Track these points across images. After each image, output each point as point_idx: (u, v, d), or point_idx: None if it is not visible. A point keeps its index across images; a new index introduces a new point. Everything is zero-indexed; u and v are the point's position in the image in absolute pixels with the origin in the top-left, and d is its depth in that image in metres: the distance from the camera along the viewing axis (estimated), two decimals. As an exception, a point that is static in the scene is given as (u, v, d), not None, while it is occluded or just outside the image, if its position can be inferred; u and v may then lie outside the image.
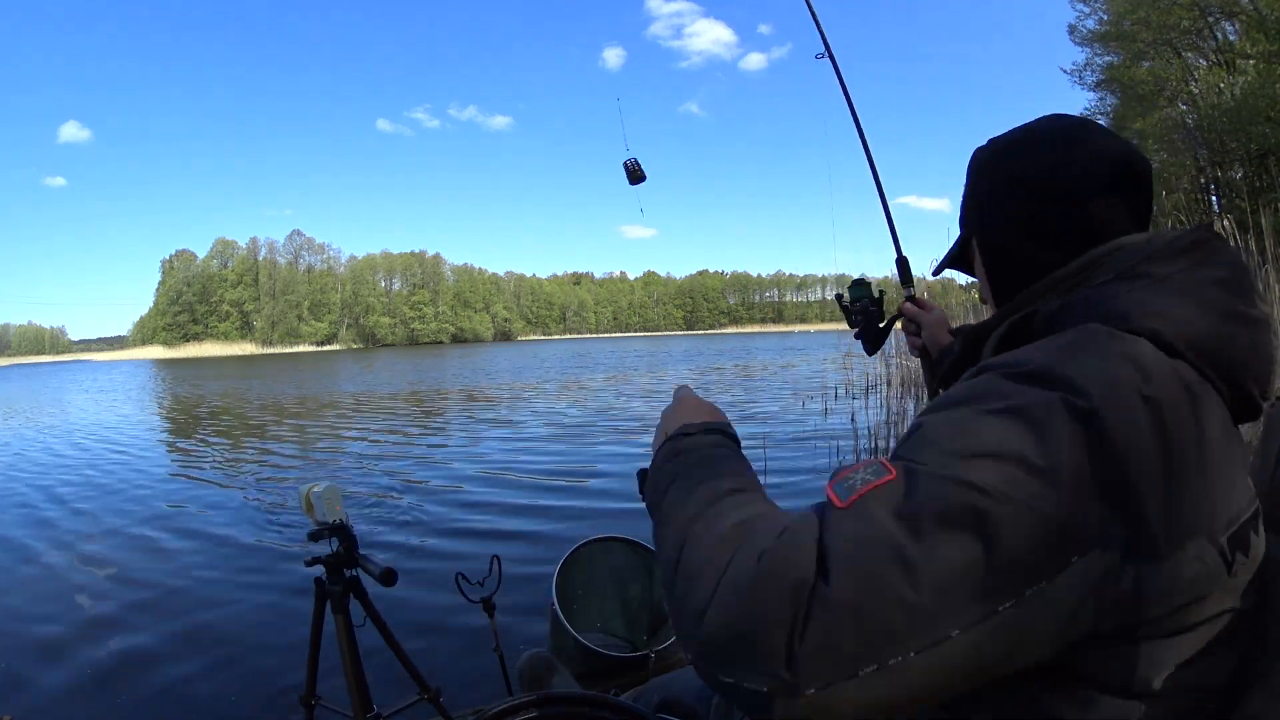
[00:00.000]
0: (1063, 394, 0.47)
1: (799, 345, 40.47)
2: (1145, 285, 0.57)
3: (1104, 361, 0.50)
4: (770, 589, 0.44)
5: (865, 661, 0.42)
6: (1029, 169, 0.69)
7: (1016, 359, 0.53)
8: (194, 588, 3.82)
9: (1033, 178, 0.68)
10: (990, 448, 0.46)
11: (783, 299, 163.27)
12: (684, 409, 0.72)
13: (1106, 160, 0.66)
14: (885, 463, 0.49)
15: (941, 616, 0.43)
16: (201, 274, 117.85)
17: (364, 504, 5.56)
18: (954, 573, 0.43)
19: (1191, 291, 0.56)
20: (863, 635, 0.42)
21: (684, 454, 0.65)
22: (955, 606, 0.43)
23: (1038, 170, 0.68)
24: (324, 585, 1.46)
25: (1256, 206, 8.25)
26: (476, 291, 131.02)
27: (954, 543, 0.43)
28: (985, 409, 0.49)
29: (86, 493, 6.53)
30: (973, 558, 0.43)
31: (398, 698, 1.59)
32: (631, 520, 4.78)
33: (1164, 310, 0.54)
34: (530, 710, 0.98)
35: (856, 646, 0.42)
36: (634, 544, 2.52)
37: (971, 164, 0.76)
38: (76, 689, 2.71)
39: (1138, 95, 17.56)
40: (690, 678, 1.10)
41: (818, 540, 0.46)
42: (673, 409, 0.74)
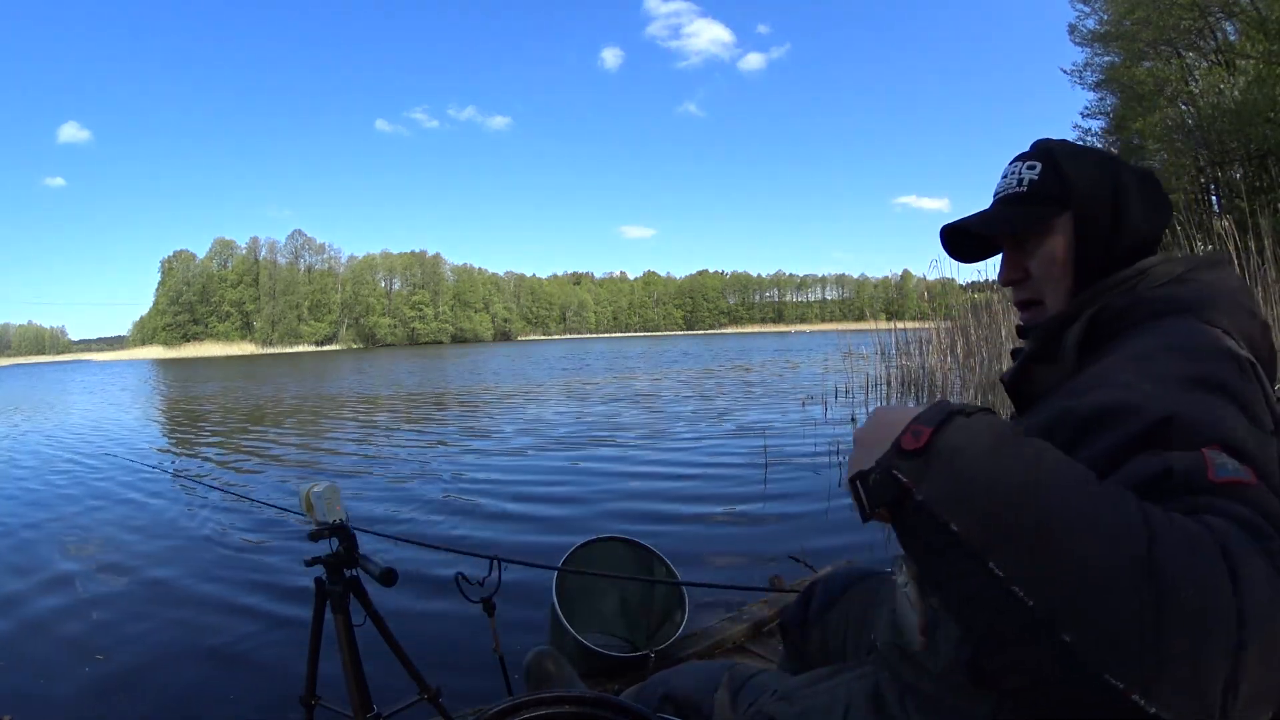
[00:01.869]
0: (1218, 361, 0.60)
1: (799, 345, 40.47)
2: (1194, 288, 0.72)
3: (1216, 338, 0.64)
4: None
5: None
6: (1146, 181, 0.80)
7: (1164, 344, 0.63)
8: (194, 587, 3.83)
9: (1150, 189, 0.80)
10: (1228, 411, 0.56)
11: (783, 299, 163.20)
12: (898, 413, 0.56)
13: (1169, 212, 0.82)
14: (1226, 453, 0.51)
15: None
16: (201, 274, 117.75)
17: (364, 504, 5.56)
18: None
19: (1228, 298, 0.71)
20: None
21: (1004, 439, 0.48)
22: None
23: (1152, 186, 0.81)
24: (324, 585, 1.46)
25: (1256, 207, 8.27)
26: (476, 291, 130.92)
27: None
28: (1198, 390, 0.57)
29: (85, 493, 6.53)
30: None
31: (398, 698, 1.58)
32: (632, 520, 4.78)
33: (1217, 306, 0.68)
34: (530, 710, 0.98)
35: None
36: (634, 544, 2.52)
37: (1083, 150, 0.81)
38: (76, 689, 2.71)
39: (1138, 95, 17.55)
40: (692, 672, 1.10)
41: (1263, 512, 0.47)
42: (877, 417, 0.57)
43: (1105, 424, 0.56)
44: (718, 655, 2.36)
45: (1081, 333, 0.73)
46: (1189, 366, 0.59)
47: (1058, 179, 0.79)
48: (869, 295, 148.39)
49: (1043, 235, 0.79)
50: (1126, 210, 0.78)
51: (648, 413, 11.19)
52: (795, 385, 14.91)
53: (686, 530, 4.51)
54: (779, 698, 0.90)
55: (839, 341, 19.85)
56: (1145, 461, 0.51)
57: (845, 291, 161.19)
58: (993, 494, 0.44)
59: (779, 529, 4.42)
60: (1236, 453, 0.51)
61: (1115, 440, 0.54)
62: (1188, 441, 0.52)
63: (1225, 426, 0.53)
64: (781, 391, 13.85)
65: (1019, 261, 0.83)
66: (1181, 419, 0.53)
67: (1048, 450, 0.47)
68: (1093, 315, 0.73)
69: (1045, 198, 0.79)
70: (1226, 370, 0.59)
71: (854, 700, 0.81)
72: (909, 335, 8.65)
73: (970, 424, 0.49)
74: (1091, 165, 0.79)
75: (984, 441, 0.47)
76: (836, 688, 0.85)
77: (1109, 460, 0.53)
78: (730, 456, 7.03)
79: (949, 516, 0.45)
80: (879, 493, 0.50)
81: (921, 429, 0.49)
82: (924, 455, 0.48)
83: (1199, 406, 0.55)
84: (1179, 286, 0.72)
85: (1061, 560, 0.41)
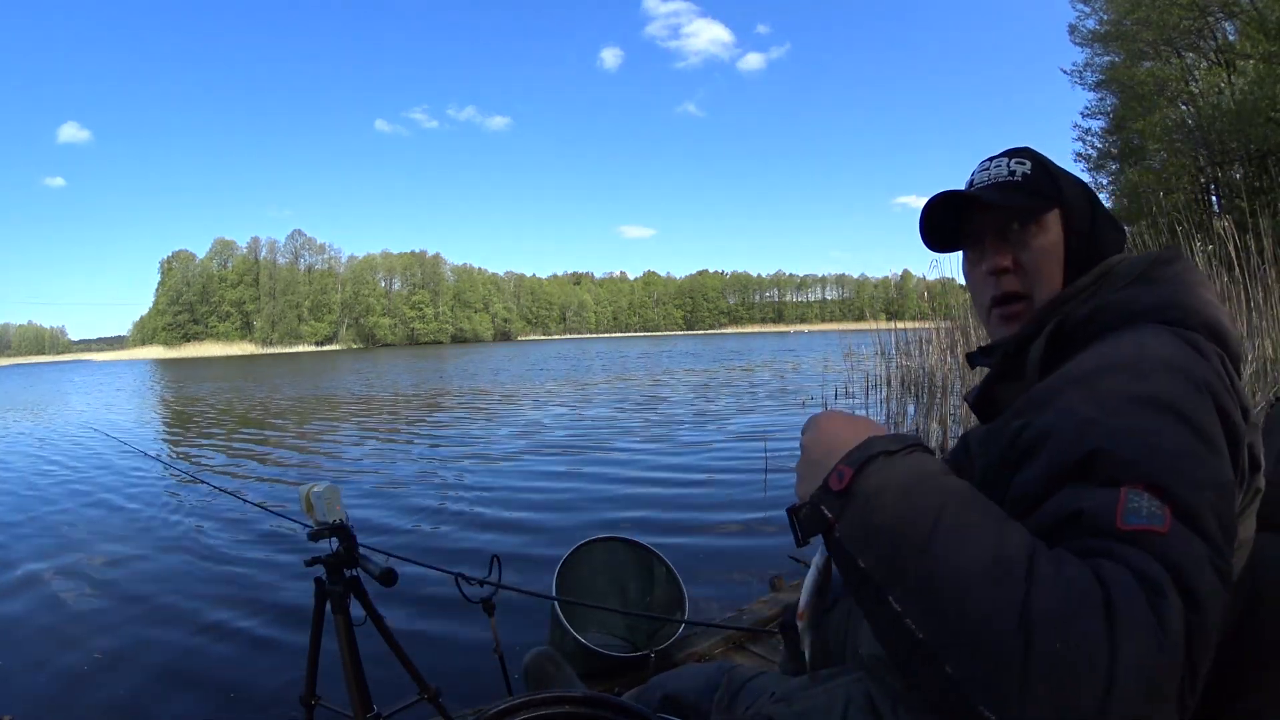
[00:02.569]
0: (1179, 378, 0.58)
1: (798, 345, 40.46)
2: (1153, 287, 0.71)
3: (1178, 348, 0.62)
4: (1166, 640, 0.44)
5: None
6: (1101, 210, 0.82)
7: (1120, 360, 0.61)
8: (194, 587, 3.83)
9: (1104, 218, 0.82)
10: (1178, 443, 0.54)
11: (783, 299, 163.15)
12: (840, 429, 0.60)
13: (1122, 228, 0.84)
14: (1147, 492, 0.50)
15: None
16: (201, 274, 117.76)
17: (364, 504, 5.56)
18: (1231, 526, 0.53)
19: (1189, 292, 0.70)
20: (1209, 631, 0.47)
21: (914, 486, 0.52)
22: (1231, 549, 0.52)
23: (1103, 212, 0.82)
24: (324, 585, 1.46)
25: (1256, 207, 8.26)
26: (476, 291, 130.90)
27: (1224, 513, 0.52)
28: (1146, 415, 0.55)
29: (84, 493, 6.53)
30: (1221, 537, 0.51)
31: (398, 698, 1.58)
32: (632, 520, 4.78)
33: (1178, 303, 0.67)
34: (530, 710, 0.98)
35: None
36: (634, 544, 2.52)
37: (1048, 166, 0.83)
38: (76, 689, 2.71)
39: (1138, 95, 17.53)
40: (691, 675, 1.10)
41: (1166, 564, 0.47)
42: (820, 431, 0.61)
43: (1037, 452, 0.56)
44: (718, 655, 2.36)
45: (1044, 348, 0.71)
46: (1133, 385, 0.57)
47: (1049, 176, 0.81)
48: (869, 295, 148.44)
49: (1036, 227, 0.79)
50: (1101, 216, 0.80)
51: (647, 415, 11.19)
52: (797, 386, 14.90)
53: (687, 531, 4.51)
54: (777, 699, 0.90)
55: (839, 342, 19.84)
56: (1064, 498, 0.52)
57: (845, 291, 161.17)
58: (894, 538, 0.49)
59: (779, 530, 4.41)
60: (1162, 491, 0.49)
61: (1044, 471, 0.55)
62: (1111, 477, 0.51)
63: (1155, 461, 0.51)
64: (782, 392, 13.85)
65: (1008, 251, 0.81)
66: (1106, 454, 0.52)
67: (954, 496, 0.50)
68: (1053, 329, 0.71)
69: (1039, 191, 0.79)
70: (1175, 388, 0.56)
71: (853, 701, 0.81)
72: (909, 335, 8.64)
73: (887, 467, 0.52)
74: (1071, 179, 0.82)
75: (895, 486, 0.51)
76: (835, 689, 0.85)
77: (1039, 489, 0.55)
78: (731, 459, 7.03)
79: (858, 554, 0.50)
80: (808, 525, 0.55)
81: (845, 470, 0.53)
82: (845, 496, 0.52)
83: (1131, 437, 0.53)
84: (1141, 287, 0.71)
85: (945, 602, 0.45)
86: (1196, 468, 0.52)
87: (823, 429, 0.60)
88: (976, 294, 0.85)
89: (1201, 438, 0.54)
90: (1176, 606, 0.44)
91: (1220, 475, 0.53)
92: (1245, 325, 5.15)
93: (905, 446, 0.55)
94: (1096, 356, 0.62)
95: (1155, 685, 0.42)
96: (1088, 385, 0.59)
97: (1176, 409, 0.54)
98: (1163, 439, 0.53)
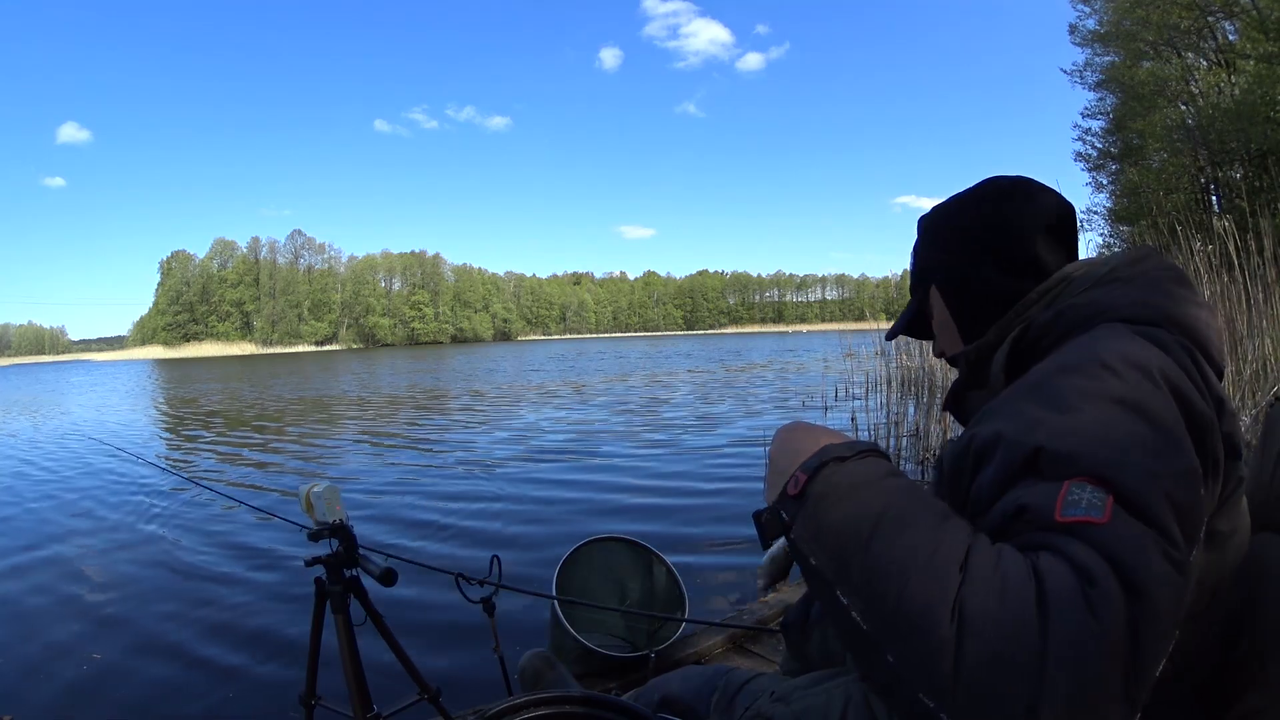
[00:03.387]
0: (1139, 373, 0.57)
1: (797, 345, 40.45)
2: (1119, 286, 0.70)
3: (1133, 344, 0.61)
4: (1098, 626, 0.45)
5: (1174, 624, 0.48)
6: (988, 218, 0.81)
7: (1076, 361, 0.60)
8: (193, 587, 3.83)
9: (994, 224, 0.80)
10: (1134, 437, 0.53)
11: (783, 299, 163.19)
12: (801, 438, 0.64)
13: (1044, 211, 0.80)
14: (1090, 483, 0.50)
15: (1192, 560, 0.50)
16: (201, 274, 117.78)
17: (364, 504, 5.56)
18: (1195, 534, 0.51)
19: (1158, 289, 0.69)
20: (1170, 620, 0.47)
21: (859, 489, 0.55)
22: (1194, 537, 0.51)
23: (995, 219, 0.81)
24: (324, 585, 1.46)
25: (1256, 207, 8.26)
26: (476, 291, 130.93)
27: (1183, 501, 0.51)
28: (1097, 410, 0.55)
29: (84, 493, 6.53)
30: (1178, 534, 0.50)
31: (398, 698, 1.59)
32: (632, 520, 4.78)
33: (1144, 300, 0.67)
34: (530, 710, 0.98)
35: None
36: (634, 544, 2.52)
37: (929, 225, 0.88)
38: (76, 689, 2.71)
39: (1138, 95, 17.51)
40: (690, 677, 1.10)
41: (1104, 555, 0.47)
42: (784, 442, 0.65)
43: (989, 456, 0.57)
44: (718, 655, 2.36)
45: (1006, 356, 0.72)
46: (1083, 383, 0.57)
47: (916, 263, 0.89)
48: (869, 295, 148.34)
49: (930, 310, 0.88)
50: (977, 261, 0.81)
51: (646, 415, 11.20)
52: (797, 386, 14.90)
53: (687, 531, 4.51)
54: (776, 699, 0.90)
55: (839, 342, 19.85)
56: (1011, 497, 0.53)
57: (845, 291, 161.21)
58: (840, 537, 0.52)
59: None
60: (1106, 481, 0.50)
61: (996, 474, 0.56)
62: (1056, 472, 0.52)
63: (1101, 453, 0.51)
64: (782, 392, 13.85)
65: (930, 331, 0.92)
66: (1050, 451, 0.52)
67: (898, 495, 0.53)
68: (1015, 336, 0.72)
69: (916, 284, 0.90)
70: (1126, 381, 0.56)
71: (851, 701, 0.81)
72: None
73: (838, 472, 0.56)
74: (931, 241, 0.87)
75: (843, 488, 0.55)
76: (834, 689, 0.85)
77: (992, 492, 0.55)
78: (731, 458, 7.03)
79: (809, 553, 0.54)
80: (769, 529, 0.59)
81: (800, 476, 0.57)
82: (799, 500, 0.56)
83: (1076, 432, 0.53)
84: (1105, 288, 0.71)
85: (884, 595, 0.48)
86: (1147, 456, 0.51)
87: (786, 440, 0.64)
88: None
89: (1155, 427, 0.53)
90: (1114, 596, 0.44)
91: (1177, 463, 0.52)
92: (1245, 325, 5.14)
93: (857, 452, 0.58)
94: (1051, 361, 0.63)
95: (1090, 677, 0.42)
96: (1039, 388, 0.59)
97: (1127, 401, 0.55)
98: (1109, 430, 0.53)
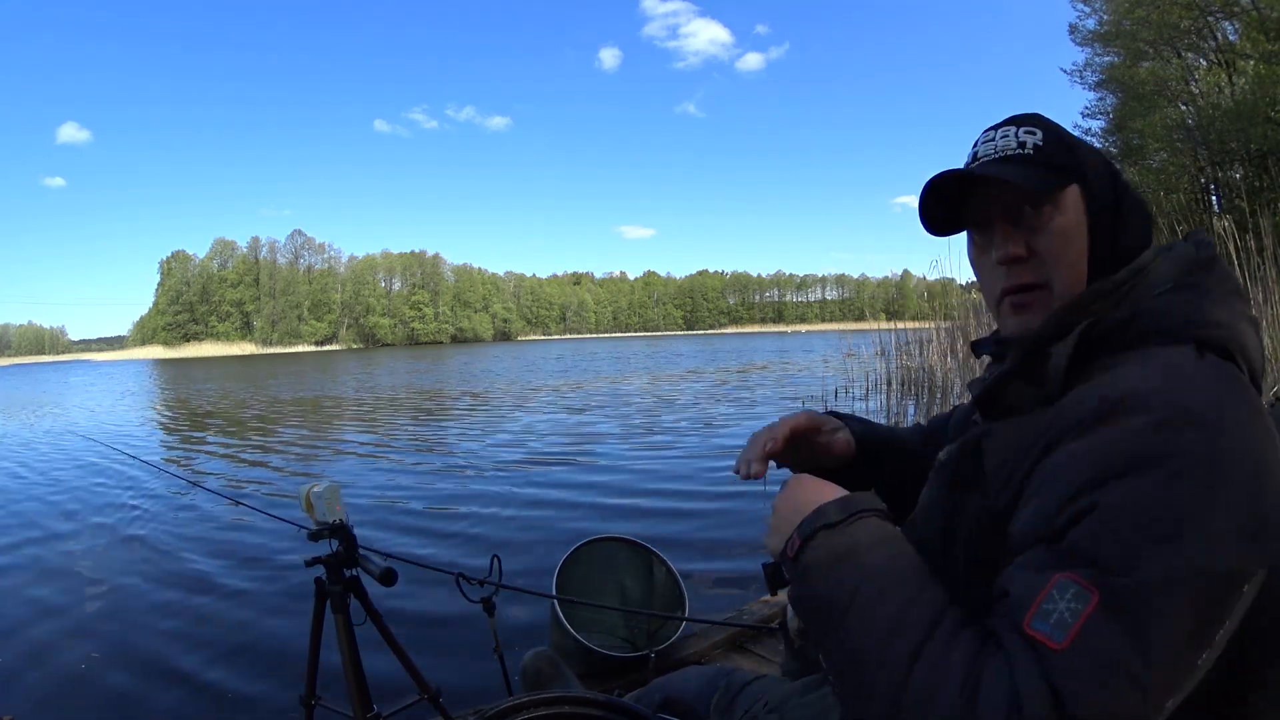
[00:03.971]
0: (1209, 434, 0.52)
1: (797, 345, 40.44)
2: (1197, 295, 0.63)
3: (1220, 388, 0.56)
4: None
5: None
6: (1113, 167, 0.71)
7: (1144, 398, 0.55)
8: (193, 588, 3.83)
9: (1119, 174, 0.71)
10: (1173, 525, 0.49)
11: (783, 299, 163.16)
12: (802, 494, 0.68)
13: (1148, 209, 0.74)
14: (1081, 581, 0.49)
15: (1170, 701, 0.48)
16: (201, 274, 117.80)
17: (364, 504, 5.56)
18: (1178, 664, 0.48)
19: (1226, 301, 0.64)
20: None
21: (843, 562, 0.59)
22: (1180, 686, 0.49)
23: (1117, 172, 0.71)
24: (324, 585, 1.46)
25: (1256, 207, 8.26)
26: (476, 291, 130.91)
27: (1174, 638, 0.48)
28: (1153, 478, 0.51)
29: (82, 494, 6.53)
30: (1188, 639, 0.48)
31: (398, 698, 1.58)
32: (632, 520, 4.78)
33: (1219, 320, 0.61)
34: (530, 710, 0.98)
35: None
36: (634, 544, 2.52)
37: (1067, 134, 0.71)
38: (76, 689, 2.71)
39: (1138, 95, 17.50)
40: (691, 677, 1.09)
41: (1049, 685, 0.47)
42: (788, 494, 0.69)
43: (1030, 500, 0.57)
44: (718, 655, 2.35)
45: (1071, 352, 0.63)
46: (1142, 438, 0.52)
47: (1065, 147, 0.69)
48: (869, 295, 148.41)
49: (1052, 208, 0.67)
50: (1126, 195, 0.69)
51: (646, 416, 11.19)
52: (798, 387, 14.89)
53: (687, 531, 4.51)
54: (770, 709, 0.89)
55: (839, 342, 19.84)
56: (1018, 565, 0.54)
57: (845, 291, 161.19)
58: (820, 609, 0.59)
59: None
60: (1097, 584, 0.48)
61: (1025, 526, 0.56)
62: (1056, 558, 0.51)
63: (1113, 545, 0.49)
64: (782, 392, 13.84)
65: (1021, 237, 0.69)
66: (1064, 530, 0.52)
67: (873, 575, 0.57)
68: (1084, 331, 0.63)
69: (1054, 165, 0.68)
70: (1193, 442, 0.51)
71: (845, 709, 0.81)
72: (909, 335, 8.64)
73: (827, 542, 0.61)
74: (1089, 148, 0.71)
75: (828, 563, 0.60)
76: (828, 695, 0.84)
77: (1017, 543, 0.56)
78: (731, 460, 7.01)
79: (800, 614, 0.62)
80: (773, 582, 0.69)
81: (796, 540, 0.63)
82: (794, 564, 0.63)
83: (1099, 512, 0.51)
84: (1179, 295, 0.63)
85: (846, 669, 0.56)
86: (1174, 554, 0.48)
87: (790, 494, 0.69)
88: (985, 283, 0.74)
89: (1211, 506, 0.49)
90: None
91: (1217, 561, 0.48)
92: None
93: (850, 515, 0.62)
94: (1122, 383, 0.57)
95: None
96: (1095, 430, 0.55)
97: (1184, 471, 0.50)
98: (1141, 514, 0.49)
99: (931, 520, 0.70)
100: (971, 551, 0.63)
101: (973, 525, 0.64)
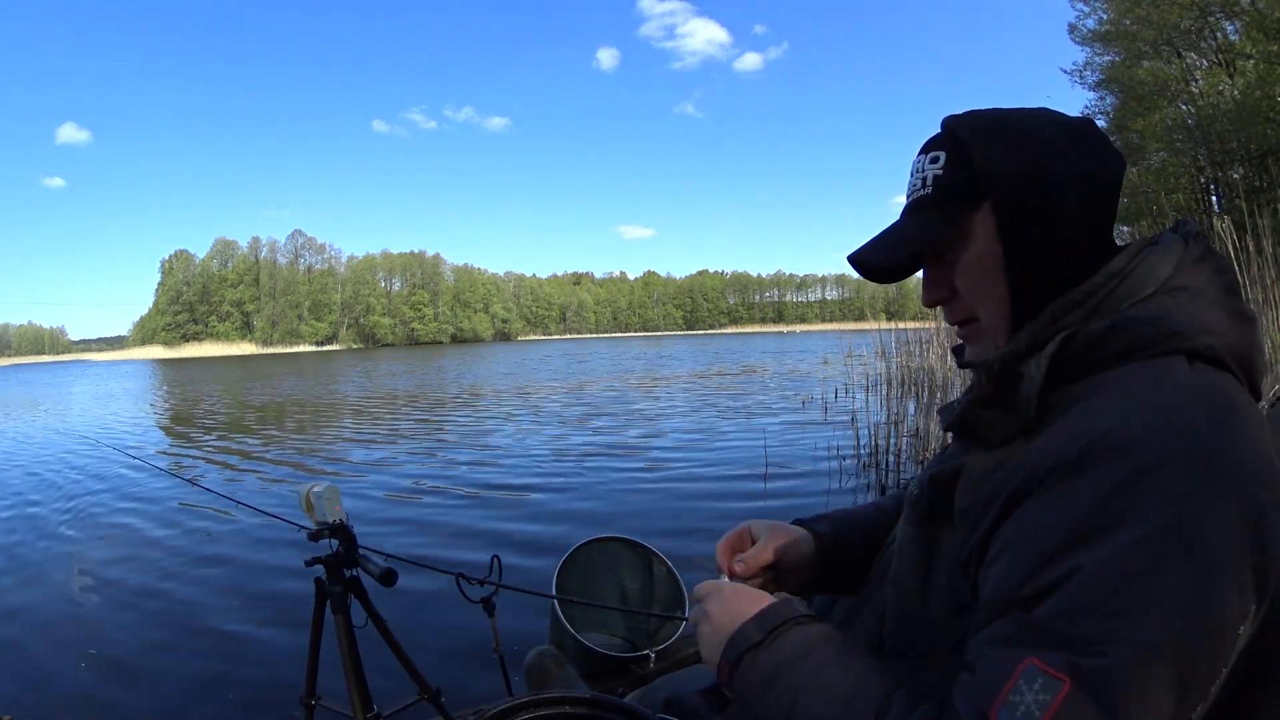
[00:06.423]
0: (1194, 482, 0.48)
1: (795, 345, 40.45)
2: (1186, 299, 0.58)
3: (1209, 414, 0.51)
4: None
5: None
6: (1083, 150, 0.61)
7: (1119, 442, 0.50)
8: (193, 588, 3.82)
9: (1087, 160, 0.61)
10: (1153, 590, 0.46)
11: (783, 299, 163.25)
12: (722, 612, 0.67)
13: (1121, 175, 0.63)
14: (1050, 670, 0.46)
15: None
16: (201, 274, 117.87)
17: (364, 504, 5.56)
18: (1204, 677, 0.47)
19: (1220, 302, 0.59)
20: None
21: (775, 680, 0.60)
22: (1195, 703, 0.47)
23: (1087, 156, 0.61)
24: (324, 585, 1.46)
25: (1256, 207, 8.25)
26: (476, 291, 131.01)
27: (1156, 713, 0.45)
28: (1130, 538, 0.47)
29: (81, 494, 6.52)
30: (1176, 706, 0.46)
31: (398, 698, 1.58)
32: (631, 520, 4.78)
33: (1212, 326, 0.57)
34: (531, 710, 0.98)
35: None
36: (634, 544, 2.52)
37: (995, 124, 0.63)
38: (75, 689, 2.70)
39: (1138, 95, 17.51)
40: (694, 677, 1.09)
41: None
42: (709, 610, 0.69)
43: (1000, 558, 0.54)
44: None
45: (1044, 373, 0.58)
46: (1120, 494, 0.48)
47: (966, 168, 0.62)
48: (869, 295, 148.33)
49: (963, 241, 0.63)
50: (1060, 194, 0.60)
51: (646, 416, 11.19)
52: (798, 386, 14.89)
53: (687, 530, 4.51)
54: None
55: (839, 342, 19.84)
56: (986, 634, 0.52)
57: (845, 291, 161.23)
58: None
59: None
60: (1071, 666, 0.45)
61: (992, 590, 0.54)
62: (1028, 635, 0.48)
63: (1088, 622, 0.46)
64: (781, 392, 13.84)
65: (943, 277, 0.66)
66: (1036, 606, 0.49)
67: (805, 686, 0.58)
68: (1057, 349, 0.58)
69: (953, 195, 0.63)
70: (1182, 489, 0.47)
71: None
72: (909, 335, 8.64)
73: (752, 665, 0.61)
74: (1004, 144, 0.61)
75: (757, 687, 0.61)
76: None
77: (982, 610, 0.54)
78: (730, 462, 7.02)
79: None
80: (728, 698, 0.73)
81: (724, 667, 0.64)
82: (730, 686, 0.64)
83: (1074, 585, 0.47)
84: (1164, 300, 0.58)
85: None
86: (1153, 625, 0.45)
87: (711, 608, 0.68)
88: None
89: (1195, 563, 0.46)
90: None
91: (1203, 620, 0.46)
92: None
93: (770, 632, 0.62)
94: (1099, 420, 0.52)
95: None
96: (1068, 481, 0.51)
97: (1165, 528, 0.46)
98: (1117, 580, 0.46)
99: (905, 558, 0.68)
100: (951, 596, 0.62)
101: (950, 565, 0.62)
